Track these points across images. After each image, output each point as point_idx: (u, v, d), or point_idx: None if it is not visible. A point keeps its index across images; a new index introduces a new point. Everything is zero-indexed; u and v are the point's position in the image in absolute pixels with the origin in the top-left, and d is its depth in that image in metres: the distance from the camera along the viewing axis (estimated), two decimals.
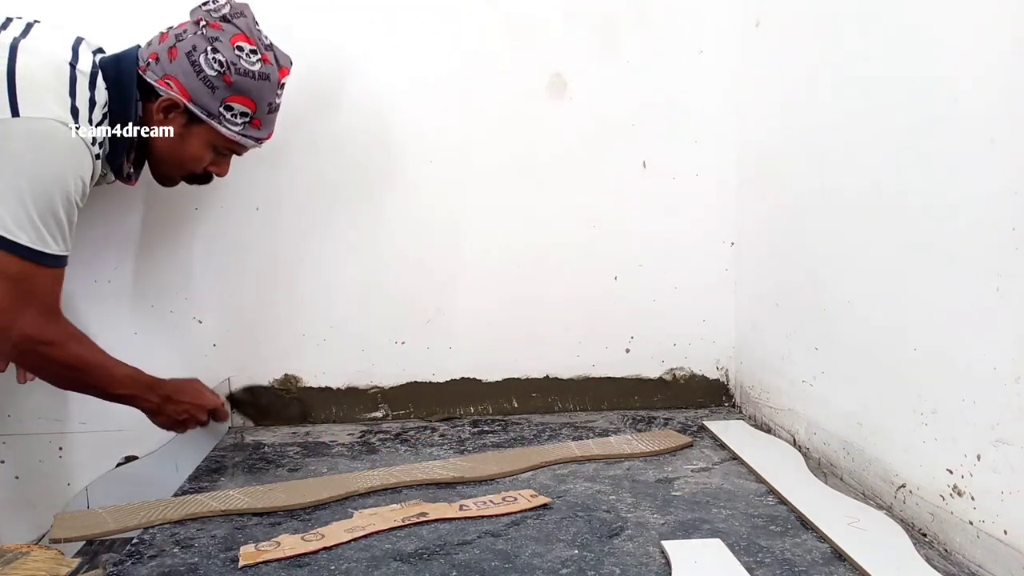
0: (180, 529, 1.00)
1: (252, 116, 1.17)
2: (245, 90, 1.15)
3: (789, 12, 1.35)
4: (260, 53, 1.16)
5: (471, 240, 1.55)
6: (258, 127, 1.20)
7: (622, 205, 1.56)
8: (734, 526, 0.97)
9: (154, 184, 1.32)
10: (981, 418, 0.87)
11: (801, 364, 1.32)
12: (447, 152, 1.52)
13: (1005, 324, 0.83)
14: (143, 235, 1.47)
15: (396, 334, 1.56)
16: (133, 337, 1.49)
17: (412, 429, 1.47)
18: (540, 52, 1.51)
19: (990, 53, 0.85)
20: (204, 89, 1.13)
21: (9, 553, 0.93)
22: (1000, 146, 0.83)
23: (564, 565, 0.87)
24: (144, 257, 1.49)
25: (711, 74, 1.54)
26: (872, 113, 1.08)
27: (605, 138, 1.54)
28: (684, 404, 1.61)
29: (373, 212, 1.52)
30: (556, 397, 1.60)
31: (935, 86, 0.94)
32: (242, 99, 1.15)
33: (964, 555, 0.90)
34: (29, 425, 1.40)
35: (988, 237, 0.85)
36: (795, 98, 1.34)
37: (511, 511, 1.02)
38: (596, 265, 1.58)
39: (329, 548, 0.92)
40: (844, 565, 0.85)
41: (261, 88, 1.17)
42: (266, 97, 1.18)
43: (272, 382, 1.54)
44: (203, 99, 1.13)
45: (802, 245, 1.31)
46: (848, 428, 1.17)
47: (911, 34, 0.99)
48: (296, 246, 1.52)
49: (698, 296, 1.60)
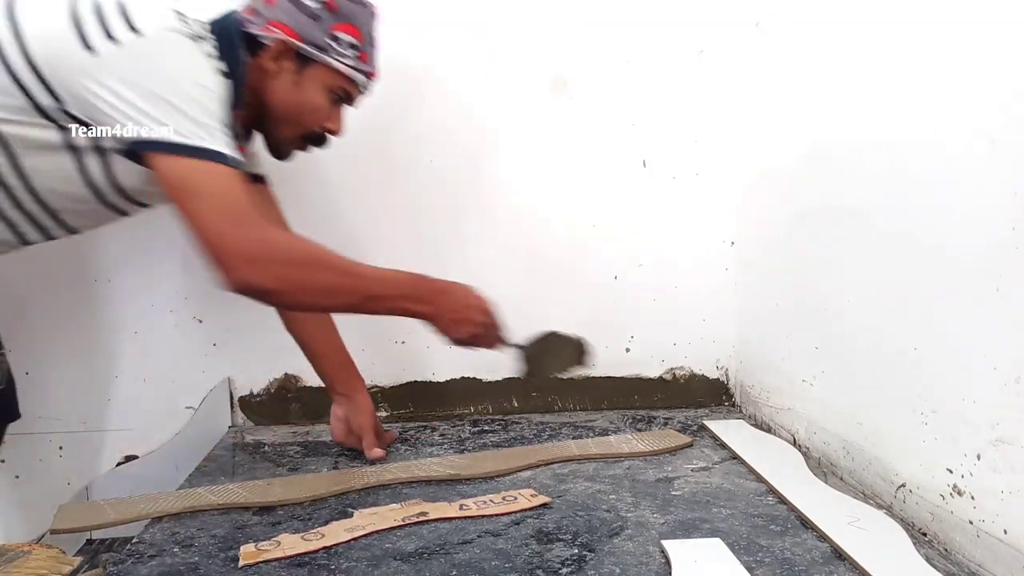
0: (180, 528, 1.00)
1: (359, 47, 1.14)
2: (350, 15, 1.12)
3: (789, 12, 1.35)
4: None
5: (471, 240, 1.55)
6: (365, 61, 1.16)
7: (622, 205, 1.56)
8: (734, 525, 0.97)
9: None
10: (981, 418, 0.87)
11: (801, 364, 1.32)
12: (447, 152, 1.52)
13: (1005, 324, 0.83)
14: (143, 235, 1.47)
15: (396, 334, 1.56)
16: (133, 337, 1.49)
17: (412, 429, 1.47)
18: (540, 52, 1.52)
19: (991, 53, 0.85)
20: (309, 22, 1.09)
21: (10, 552, 0.93)
22: (1000, 146, 0.83)
23: (564, 565, 0.87)
24: (144, 257, 1.49)
25: (711, 74, 1.54)
26: (872, 112, 1.08)
27: (605, 138, 1.54)
28: (684, 404, 1.61)
29: (373, 212, 1.52)
30: (556, 397, 1.60)
31: (935, 86, 0.94)
32: (347, 27, 1.12)
33: (964, 555, 0.90)
34: (29, 425, 1.40)
35: (988, 237, 0.85)
36: (795, 98, 1.34)
37: (511, 510, 1.02)
38: (596, 265, 1.58)
39: (329, 547, 0.92)
40: (844, 565, 0.85)
41: (363, 15, 1.14)
42: (367, 25, 1.15)
43: (272, 382, 1.55)
44: (311, 33, 1.10)
45: (802, 245, 1.31)
46: (848, 428, 1.17)
47: (911, 34, 1.00)
48: None
49: (698, 296, 1.60)
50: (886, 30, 1.05)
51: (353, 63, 1.14)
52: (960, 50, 0.90)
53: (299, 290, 0.98)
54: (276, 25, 1.09)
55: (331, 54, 1.11)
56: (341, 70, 1.13)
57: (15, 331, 1.43)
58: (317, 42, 1.10)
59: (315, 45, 1.10)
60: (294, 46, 1.10)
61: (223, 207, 0.93)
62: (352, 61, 1.13)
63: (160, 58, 0.94)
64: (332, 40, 1.11)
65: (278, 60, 1.10)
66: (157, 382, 1.50)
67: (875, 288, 1.08)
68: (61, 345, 1.48)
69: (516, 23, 1.50)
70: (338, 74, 1.13)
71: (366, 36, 1.15)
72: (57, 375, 1.47)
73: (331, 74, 1.13)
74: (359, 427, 1.26)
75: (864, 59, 1.11)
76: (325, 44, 1.11)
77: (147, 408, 1.50)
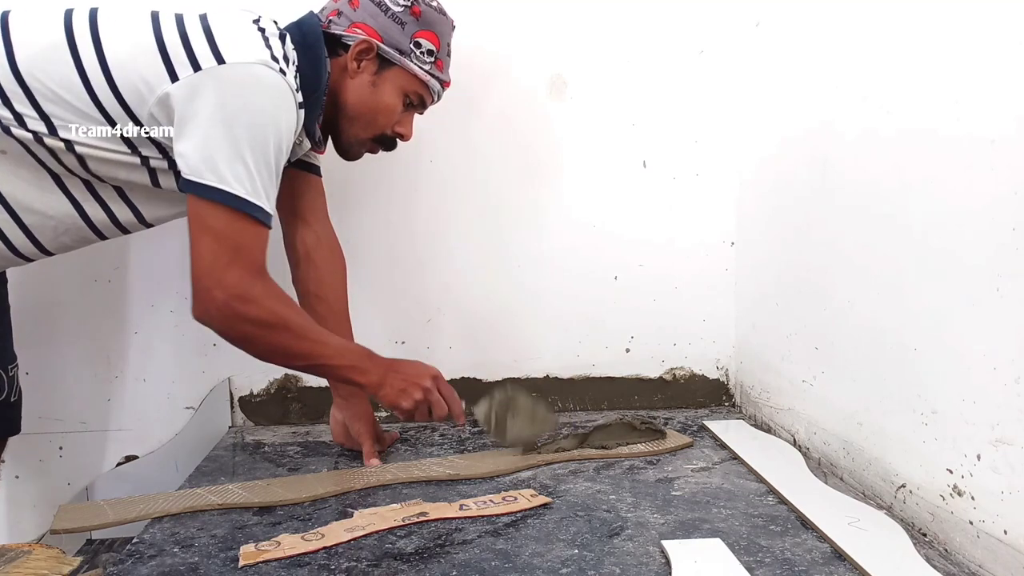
0: (180, 528, 1.00)
1: (436, 55, 1.17)
2: (431, 23, 1.15)
3: (789, 12, 1.35)
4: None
5: (471, 240, 1.55)
6: (441, 69, 1.19)
7: (622, 205, 1.56)
8: (734, 526, 0.97)
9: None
10: (981, 418, 0.87)
11: (801, 364, 1.32)
12: (447, 152, 1.52)
13: (1005, 324, 0.83)
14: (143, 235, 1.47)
15: (396, 334, 1.56)
16: (133, 337, 1.49)
17: (412, 429, 1.47)
18: (540, 52, 1.52)
19: (991, 53, 0.85)
20: (394, 26, 1.13)
21: (11, 552, 0.93)
22: (1000, 146, 0.83)
23: (564, 565, 0.87)
24: (144, 257, 1.49)
25: (711, 74, 1.54)
26: (872, 112, 1.08)
27: (605, 138, 1.55)
28: (684, 404, 1.61)
29: (373, 211, 1.52)
30: (556, 397, 1.60)
31: (935, 86, 0.94)
32: (428, 34, 1.15)
33: (964, 555, 0.90)
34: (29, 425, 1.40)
35: (988, 237, 0.85)
36: (795, 98, 1.34)
37: (511, 511, 1.02)
38: (596, 265, 1.58)
39: (329, 547, 0.92)
40: (844, 565, 0.85)
41: (444, 24, 1.18)
42: (446, 35, 1.19)
43: (272, 382, 1.55)
44: (394, 36, 1.13)
45: (802, 245, 1.31)
46: (848, 428, 1.17)
47: (911, 34, 1.00)
48: None
49: (698, 296, 1.60)
50: (886, 30, 1.05)
51: (430, 69, 1.17)
52: (960, 50, 0.90)
53: (257, 348, 1.05)
54: (360, 27, 1.12)
55: (411, 59, 1.15)
56: (419, 75, 1.16)
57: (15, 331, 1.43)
58: (399, 46, 1.13)
59: (397, 48, 1.13)
60: (377, 48, 1.12)
61: (229, 248, 0.98)
62: (429, 68, 1.16)
63: (240, 99, 0.97)
64: (414, 45, 1.14)
65: (359, 60, 1.13)
66: (157, 382, 1.50)
67: (875, 288, 1.08)
68: (61, 345, 1.48)
69: (516, 23, 1.50)
70: (415, 79, 1.16)
71: (444, 45, 1.18)
72: (57, 375, 1.47)
73: (409, 78, 1.16)
74: (357, 434, 1.27)
75: (864, 59, 1.11)
76: (407, 48, 1.14)
77: (147, 408, 1.50)
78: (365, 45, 1.12)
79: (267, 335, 1.02)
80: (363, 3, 1.13)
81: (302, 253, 1.29)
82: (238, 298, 0.99)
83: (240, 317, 1.00)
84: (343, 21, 1.13)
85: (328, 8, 1.15)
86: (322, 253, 1.30)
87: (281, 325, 1.03)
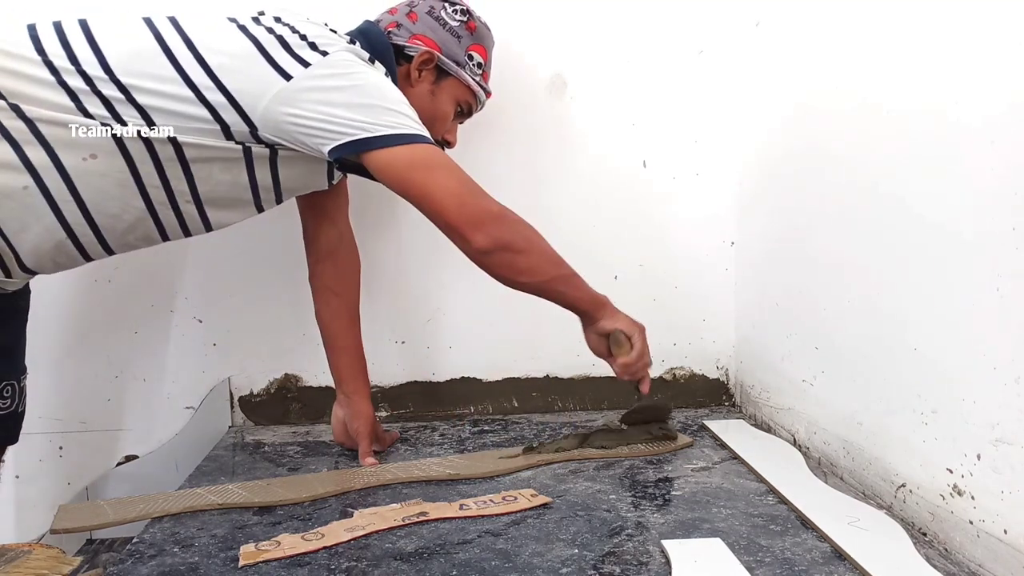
0: (180, 528, 1.00)
1: (484, 67, 1.26)
2: (482, 38, 1.24)
3: (789, 12, 1.35)
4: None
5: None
6: (486, 80, 1.27)
7: (622, 205, 1.56)
8: (734, 525, 0.97)
9: None
10: (981, 418, 0.87)
11: (801, 364, 1.32)
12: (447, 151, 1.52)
13: (1005, 324, 0.83)
14: None
15: (396, 334, 1.56)
16: (133, 337, 1.49)
17: (412, 429, 1.47)
18: (540, 52, 1.52)
19: (991, 52, 0.85)
20: (452, 39, 1.20)
21: (11, 552, 0.93)
22: (1000, 146, 0.84)
23: (564, 565, 0.87)
24: (144, 257, 1.48)
25: (711, 74, 1.54)
26: (872, 113, 1.08)
27: (605, 138, 1.54)
28: (684, 404, 1.61)
29: (373, 211, 1.52)
30: (556, 397, 1.60)
31: (936, 86, 0.94)
32: (479, 48, 1.23)
33: (964, 555, 0.90)
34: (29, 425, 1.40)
35: (988, 237, 0.85)
36: (795, 98, 1.34)
37: (511, 510, 1.02)
38: (596, 265, 1.57)
39: (329, 547, 0.92)
40: (844, 564, 0.85)
41: (489, 39, 1.27)
42: (491, 49, 1.27)
43: (272, 382, 1.55)
44: (452, 49, 1.20)
45: (802, 245, 1.31)
46: (848, 428, 1.17)
47: (911, 33, 1.00)
48: (296, 245, 1.51)
49: (698, 296, 1.60)
50: (886, 31, 1.05)
51: (479, 81, 1.25)
52: (961, 50, 0.90)
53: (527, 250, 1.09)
54: (421, 39, 1.19)
55: (466, 70, 1.23)
56: (471, 85, 1.24)
57: None
58: (456, 58, 1.21)
59: (455, 60, 1.21)
60: (437, 59, 1.19)
61: (461, 178, 1.05)
62: (479, 79, 1.25)
63: (355, 76, 1.02)
64: (467, 58, 1.22)
65: (421, 70, 1.19)
66: (157, 382, 1.50)
67: (875, 288, 1.09)
68: (61, 345, 1.48)
69: (516, 23, 1.50)
70: (467, 89, 1.24)
71: (489, 59, 1.27)
72: (57, 375, 1.47)
73: (462, 88, 1.23)
74: (355, 432, 1.27)
75: (865, 59, 1.11)
76: (463, 60, 1.22)
77: (147, 408, 1.50)
78: (428, 56, 1.18)
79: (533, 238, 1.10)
80: (422, 16, 1.20)
81: (325, 250, 1.31)
82: (499, 210, 1.07)
83: (510, 222, 1.07)
84: (403, 33, 1.19)
85: (385, 20, 1.21)
86: (344, 251, 1.33)
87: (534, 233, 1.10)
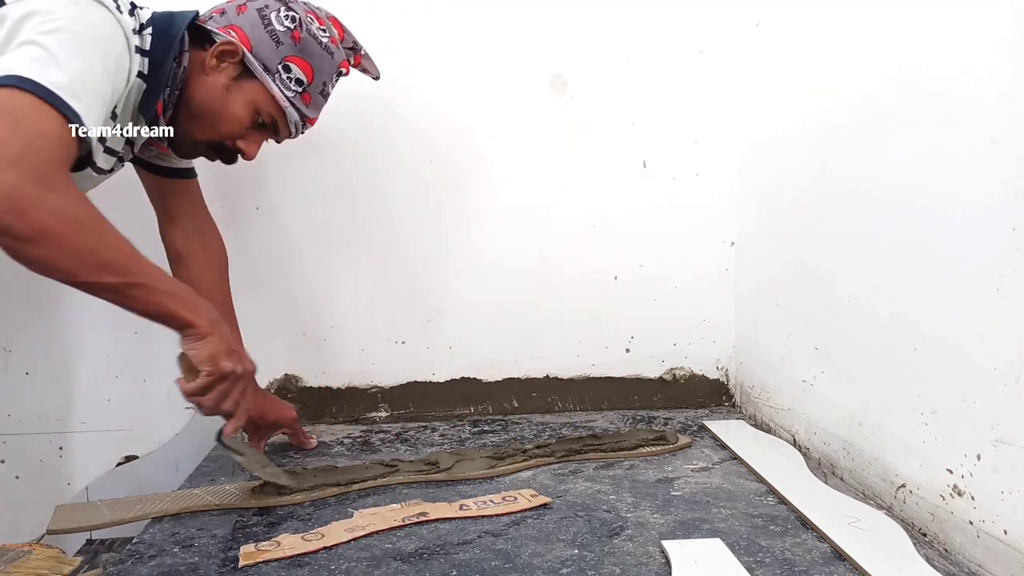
0: (180, 528, 1.00)
1: (306, 87, 1.12)
2: (309, 54, 1.11)
3: (789, 12, 1.35)
4: (329, 34, 1.14)
5: (472, 239, 1.55)
6: (307, 103, 1.14)
7: (622, 205, 1.56)
8: (734, 526, 0.97)
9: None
10: (981, 418, 0.87)
11: (801, 364, 1.32)
12: (448, 151, 1.52)
13: (1005, 324, 0.83)
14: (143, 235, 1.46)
15: (396, 334, 1.56)
16: (133, 337, 1.49)
17: (412, 429, 1.47)
18: (540, 52, 1.52)
19: (991, 52, 0.85)
20: (268, 41, 1.09)
21: (11, 552, 0.93)
22: (1000, 146, 0.83)
23: (564, 565, 0.87)
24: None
25: (711, 74, 1.54)
26: (872, 113, 1.08)
27: (605, 138, 1.54)
28: (684, 404, 1.61)
29: (373, 211, 1.52)
30: (556, 397, 1.60)
31: (936, 86, 0.94)
32: (303, 63, 1.11)
33: (964, 555, 0.90)
34: (29, 425, 1.40)
35: (988, 237, 0.85)
36: (795, 98, 1.34)
37: (511, 511, 1.02)
38: (596, 265, 1.58)
39: (329, 548, 0.92)
40: (844, 565, 0.85)
41: (323, 60, 1.13)
42: (324, 72, 1.14)
43: (272, 382, 1.55)
44: (264, 51, 1.09)
45: (802, 245, 1.31)
46: (848, 428, 1.17)
47: (911, 33, 1.00)
48: (296, 246, 1.52)
49: (698, 296, 1.60)
50: (886, 30, 1.05)
51: (293, 98, 1.11)
52: (960, 50, 0.90)
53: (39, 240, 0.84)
54: (235, 29, 1.09)
55: (275, 79, 1.10)
56: (277, 97, 1.10)
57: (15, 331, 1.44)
58: (266, 62, 1.09)
59: (263, 63, 1.09)
60: (243, 55, 1.08)
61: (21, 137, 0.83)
62: (292, 95, 1.11)
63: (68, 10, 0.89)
64: (282, 68, 1.10)
65: (221, 60, 1.08)
66: (157, 382, 1.50)
67: (875, 288, 1.08)
68: (61, 345, 1.48)
69: (516, 23, 1.50)
70: (272, 100, 1.10)
71: (319, 83, 1.13)
72: (57, 375, 1.47)
73: (266, 97, 1.10)
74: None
75: (865, 59, 1.11)
76: (274, 68, 1.09)
77: (147, 408, 1.50)
78: (230, 47, 1.07)
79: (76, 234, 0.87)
80: (250, 11, 1.10)
81: (173, 253, 1.28)
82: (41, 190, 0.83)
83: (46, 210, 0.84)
84: (222, 20, 1.10)
85: (216, 7, 1.12)
86: (194, 251, 1.28)
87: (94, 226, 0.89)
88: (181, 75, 1.07)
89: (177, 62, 1.06)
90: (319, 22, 1.14)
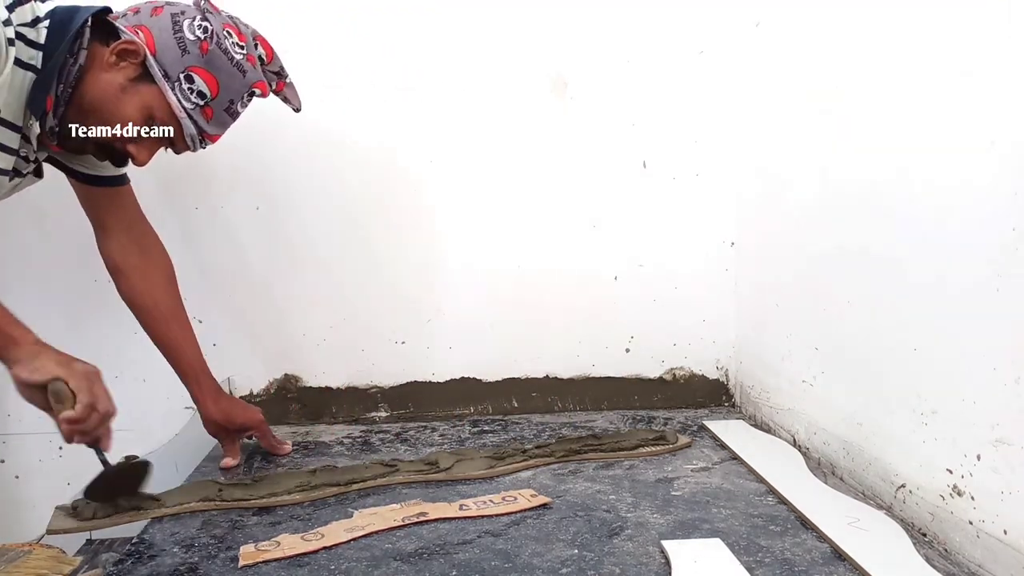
0: (180, 528, 1.00)
1: (208, 101, 1.07)
2: (216, 68, 1.06)
3: (789, 12, 1.35)
4: (247, 52, 1.10)
5: (472, 240, 1.55)
6: (207, 118, 1.08)
7: (622, 205, 1.56)
8: (734, 526, 0.97)
9: (154, 184, 1.31)
10: (981, 418, 0.87)
11: (801, 364, 1.32)
12: (448, 151, 1.52)
13: (1005, 324, 0.83)
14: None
15: (396, 334, 1.56)
16: (133, 337, 1.48)
17: (412, 429, 1.47)
18: (540, 52, 1.52)
19: (991, 51, 0.85)
20: (175, 48, 1.04)
21: (11, 552, 0.93)
22: (1000, 146, 0.83)
23: (564, 565, 0.87)
24: None
25: (711, 74, 1.54)
26: (872, 112, 1.08)
27: (605, 138, 1.54)
28: (684, 404, 1.61)
29: (374, 211, 1.52)
30: (556, 397, 1.60)
31: (936, 85, 0.94)
32: (208, 76, 1.06)
33: (964, 555, 0.90)
34: (29, 425, 1.40)
35: (988, 237, 0.85)
36: (795, 98, 1.34)
37: (511, 511, 1.02)
38: (596, 265, 1.58)
39: (329, 548, 0.92)
40: (844, 565, 0.85)
41: (232, 77, 1.08)
42: (231, 90, 1.08)
43: (272, 382, 1.55)
44: (168, 57, 1.04)
45: (802, 245, 1.31)
46: (848, 428, 1.17)
47: (911, 33, 1.00)
48: (296, 246, 1.52)
49: (698, 296, 1.60)
50: (886, 30, 1.05)
51: (192, 110, 1.07)
52: (961, 50, 0.90)
53: None
54: (143, 30, 1.05)
55: (174, 87, 1.05)
56: (174, 106, 1.06)
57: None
58: (168, 68, 1.05)
59: (164, 70, 1.05)
60: (144, 56, 1.04)
61: None
62: (191, 107, 1.07)
63: None
64: (184, 77, 1.05)
65: (121, 58, 1.04)
66: (157, 382, 1.50)
67: (875, 288, 1.08)
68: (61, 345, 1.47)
69: (517, 23, 1.50)
70: (168, 109, 1.06)
71: (223, 99, 1.08)
72: None
73: (162, 104, 1.06)
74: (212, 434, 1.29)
75: (865, 59, 1.11)
76: (175, 75, 1.05)
77: (147, 408, 1.50)
78: (131, 46, 1.03)
79: None
80: (164, 14, 1.06)
81: (111, 267, 1.26)
82: None
83: None
84: (133, 19, 1.06)
85: (134, 5, 1.08)
86: (131, 262, 1.25)
87: None
88: (76, 71, 1.03)
89: (74, 57, 1.02)
90: (240, 38, 1.09)
